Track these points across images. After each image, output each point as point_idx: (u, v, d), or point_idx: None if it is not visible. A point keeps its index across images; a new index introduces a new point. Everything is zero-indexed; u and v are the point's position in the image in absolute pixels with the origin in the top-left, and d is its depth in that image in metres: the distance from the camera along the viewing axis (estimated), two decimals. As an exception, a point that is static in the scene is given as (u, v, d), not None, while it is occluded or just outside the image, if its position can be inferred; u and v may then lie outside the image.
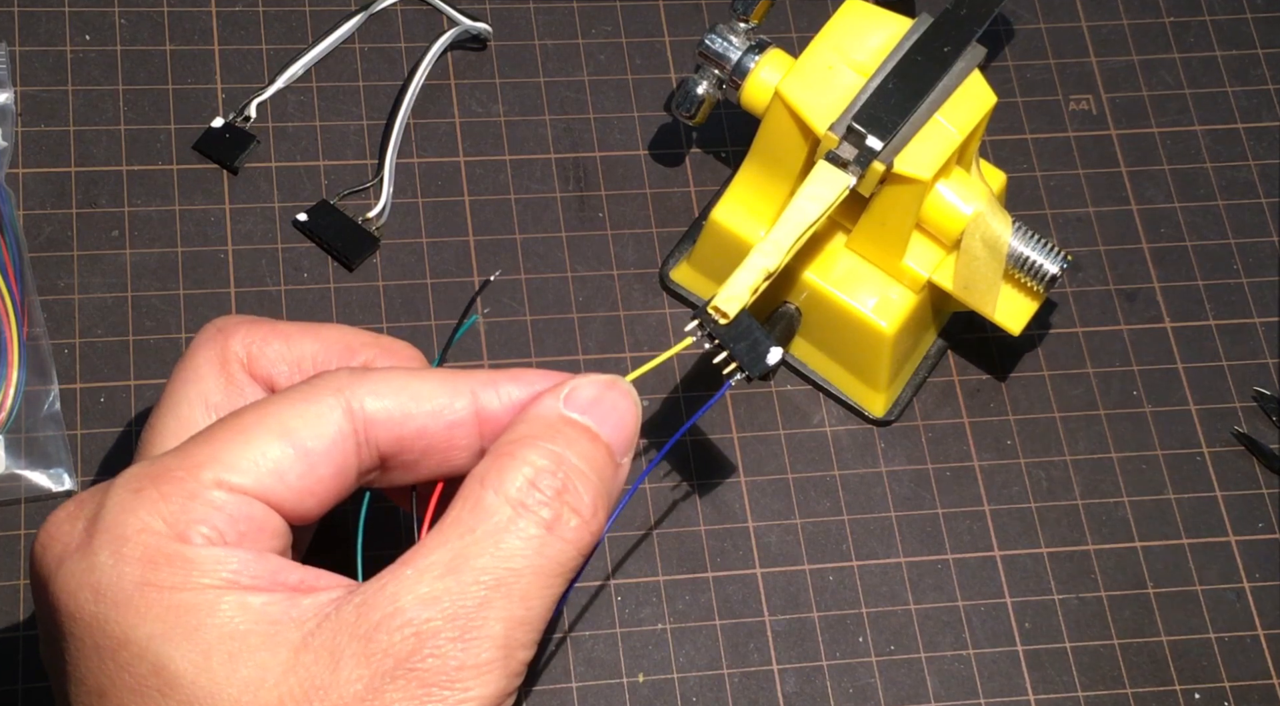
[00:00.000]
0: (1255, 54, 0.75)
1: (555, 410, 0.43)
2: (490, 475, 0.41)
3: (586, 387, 0.44)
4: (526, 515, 0.40)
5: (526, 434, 0.42)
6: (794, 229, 0.56)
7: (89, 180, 0.66)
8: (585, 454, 0.43)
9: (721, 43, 0.62)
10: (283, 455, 0.41)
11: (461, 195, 0.68)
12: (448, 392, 0.43)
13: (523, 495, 0.41)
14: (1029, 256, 0.60)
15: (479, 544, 0.40)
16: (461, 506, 0.41)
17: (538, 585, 0.40)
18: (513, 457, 0.41)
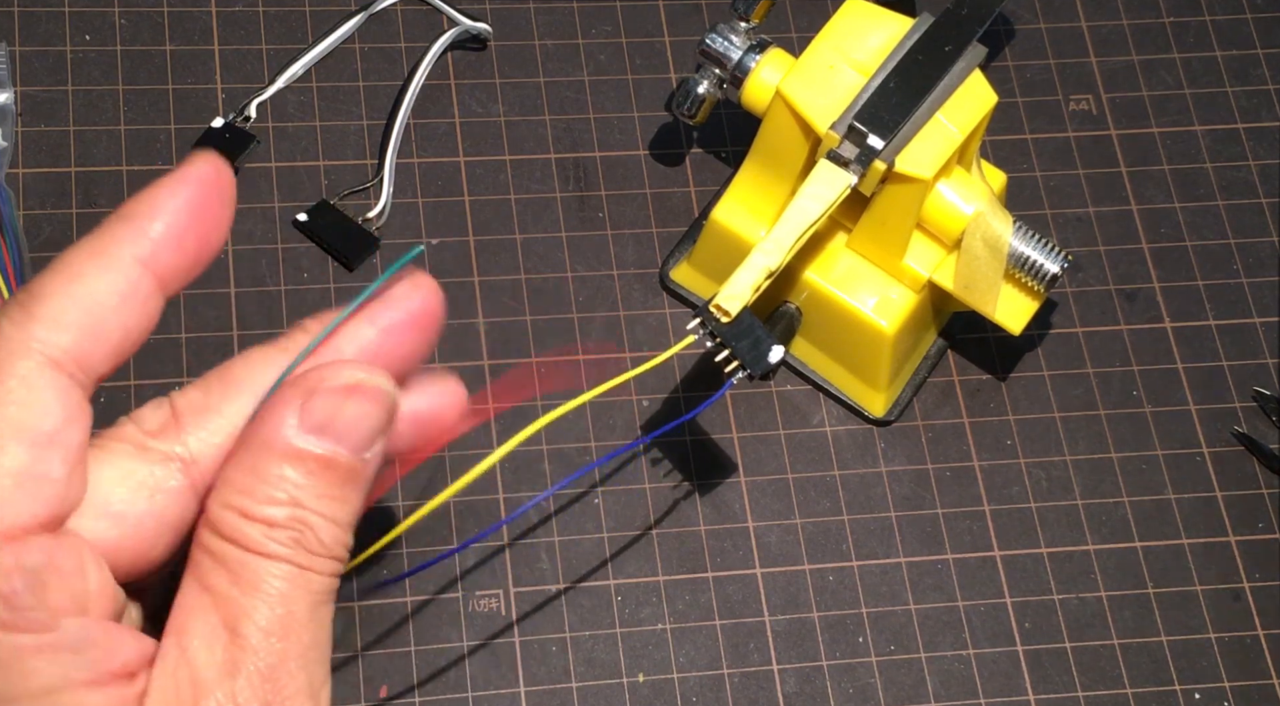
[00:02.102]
0: (1255, 54, 0.75)
1: (289, 436, 0.37)
2: (236, 533, 0.36)
3: (325, 400, 0.37)
4: (284, 563, 0.37)
5: (255, 480, 0.37)
6: (795, 228, 0.56)
7: (89, 180, 0.66)
8: (320, 493, 0.37)
9: (722, 42, 0.62)
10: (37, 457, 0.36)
11: (461, 195, 0.68)
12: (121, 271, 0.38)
13: (269, 548, 0.37)
14: (1029, 256, 0.60)
15: (249, 598, 0.36)
16: (208, 561, 0.37)
17: (313, 619, 0.37)
18: (244, 515, 0.37)
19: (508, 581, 0.61)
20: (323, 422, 0.37)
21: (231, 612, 0.36)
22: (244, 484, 0.37)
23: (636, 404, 0.64)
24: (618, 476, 0.63)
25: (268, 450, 0.37)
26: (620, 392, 0.64)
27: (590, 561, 0.61)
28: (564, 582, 0.61)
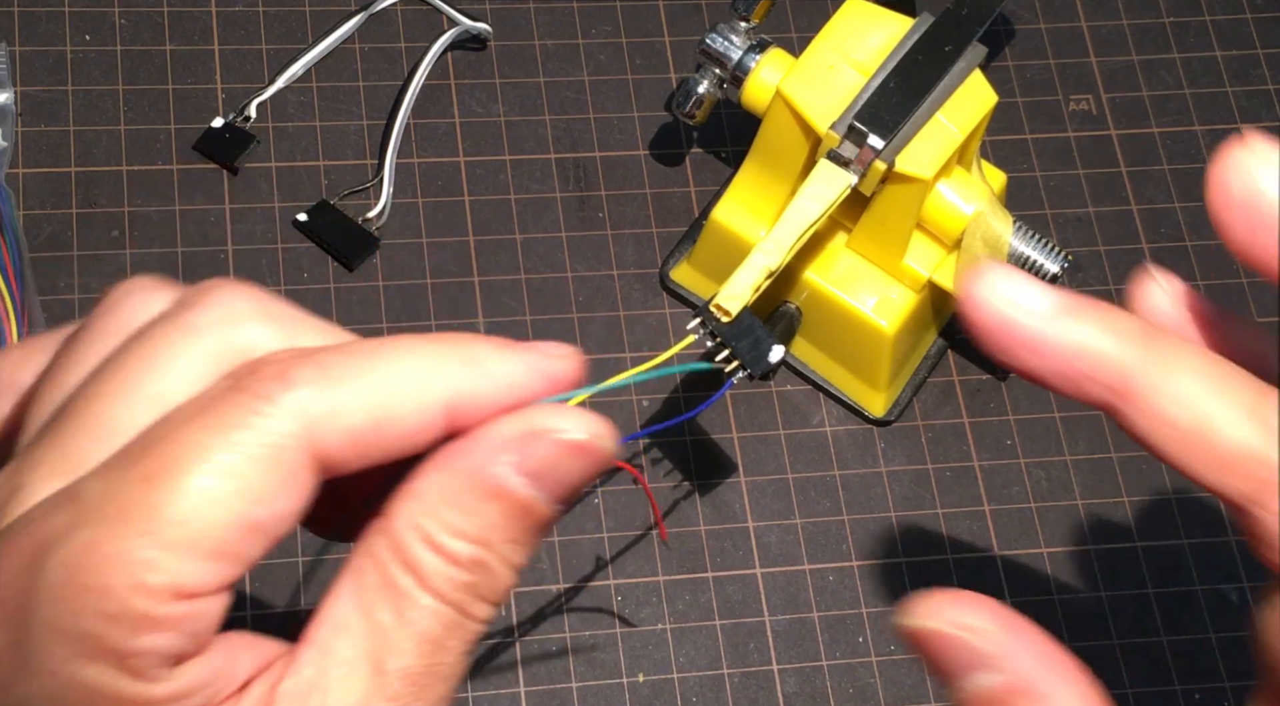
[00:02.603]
0: (1255, 54, 0.75)
1: (500, 472, 0.34)
2: (411, 557, 0.34)
3: (548, 445, 0.35)
4: (448, 607, 0.34)
5: (451, 505, 0.34)
6: (795, 227, 0.56)
7: (89, 180, 0.66)
8: (512, 537, 0.35)
9: (722, 42, 0.62)
10: (246, 537, 0.32)
11: (461, 195, 0.68)
12: (425, 398, 0.34)
13: (442, 586, 0.34)
14: (1029, 256, 0.60)
15: (406, 639, 0.34)
16: (374, 578, 0.34)
17: (454, 671, 0.35)
18: (429, 542, 0.34)
19: (508, 582, 0.61)
20: (539, 471, 0.34)
21: (382, 646, 0.33)
22: (437, 507, 0.34)
23: (636, 404, 0.64)
24: (618, 476, 0.63)
25: (474, 481, 0.34)
26: (620, 393, 0.64)
27: (590, 561, 0.61)
28: (564, 582, 0.61)
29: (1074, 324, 0.34)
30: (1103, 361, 0.34)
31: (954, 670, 0.34)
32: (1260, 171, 0.32)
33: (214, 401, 0.32)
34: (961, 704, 0.34)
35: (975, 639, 0.34)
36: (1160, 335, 0.35)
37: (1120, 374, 0.34)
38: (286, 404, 0.32)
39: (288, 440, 0.32)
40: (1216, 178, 0.33)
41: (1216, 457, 0.33)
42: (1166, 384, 0.34)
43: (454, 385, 0.34)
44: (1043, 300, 0.34)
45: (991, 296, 0.34)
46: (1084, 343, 0.34)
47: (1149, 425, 0.35)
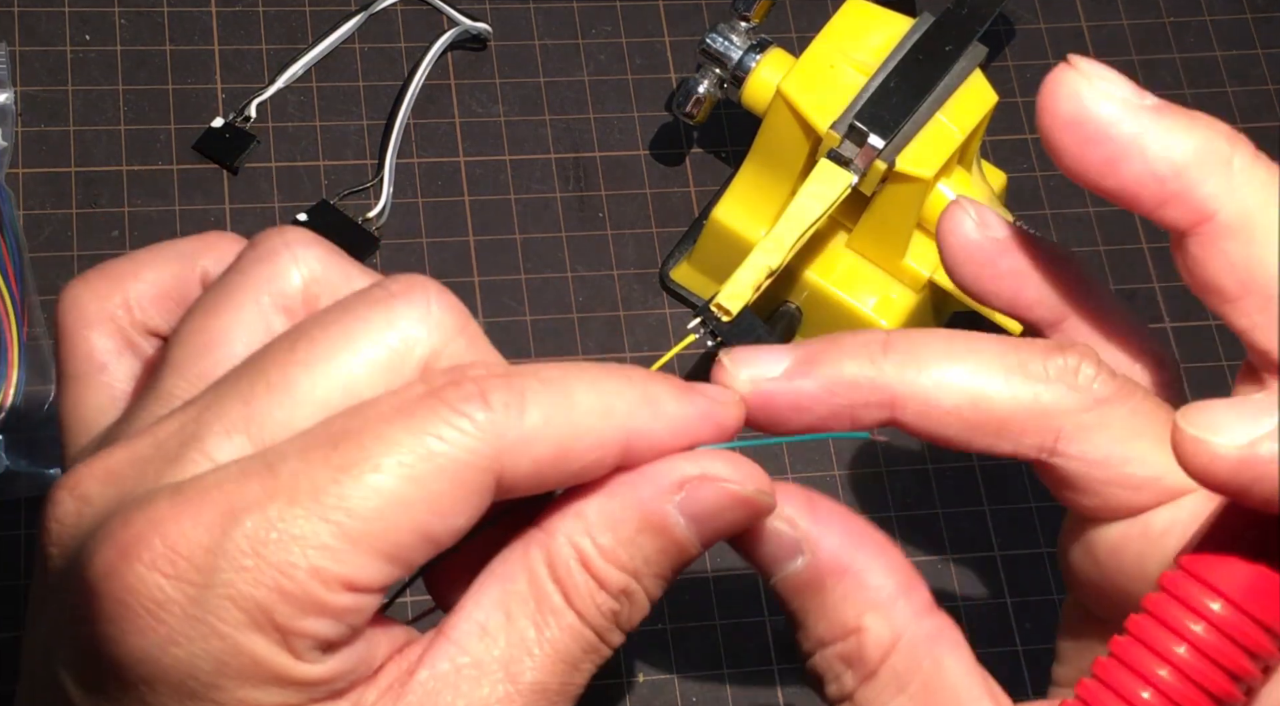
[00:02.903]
0: (1255, 54, 0.75)
1: (655, 504, 0.35)
2: (556, 566, 0.34)
3: (714, 491, 0.35)
4: (590, 629, 0.34)
5: (613, 530, 0.35)
6: (796, 227, 0.56)
7: (89, 180, 0.66)
8: (661, 573, 0.35)
9: (723, 42, 0.62)
10: (421, 547, 0.33)
11: (461, 195, 0.68)
12: (603, 434, 0.34)
13: (588, 608, 0.34)
14: (1030, 256, 0.60)
15: (544, 656, 0.34)
16: (522, 585, 0.34)
17: (577, 692, 0.35)
18: (584, 561, 0.34)
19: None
20: (701, 515, 0.35)
21: (520, 656, 0.34)
22: (598, 530, 0.34)
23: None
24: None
25: (639, 512, 0.34)
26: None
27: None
28: (564, 582, 0.61)
29: (817, 368, 0.36)
30: (857, 384, 0.36)
31: (770, 561, 0.35)
32: (1086, 91, 0.34)
33: (412, 405, 0.32)
34: (780, 594, 0.36)
35: (783, 526, 0.35)
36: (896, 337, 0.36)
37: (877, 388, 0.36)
38: (479, 421, 0.32)
39: (479, 460, 0.32)
40: (1045, 101, 0.34)
41: None
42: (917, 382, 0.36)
43: (633, 424, 0.34)
44: (780, 364, 0.36)
45: (732, 380, 0.36)
46: (832, 378, 0.36)
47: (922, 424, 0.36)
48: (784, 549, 0.35)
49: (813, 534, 0.35)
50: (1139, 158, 0.34)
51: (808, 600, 0.35)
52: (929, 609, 0.35)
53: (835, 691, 0.35)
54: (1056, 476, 0.35)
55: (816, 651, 0.35)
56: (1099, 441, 0.35)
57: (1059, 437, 0.35)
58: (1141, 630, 0.32)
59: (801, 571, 0.35)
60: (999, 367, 0.35)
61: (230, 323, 0.35)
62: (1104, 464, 0.35)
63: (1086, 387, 0.35)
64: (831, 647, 0.35)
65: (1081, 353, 0.35)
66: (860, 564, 0.35)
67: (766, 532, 0.35)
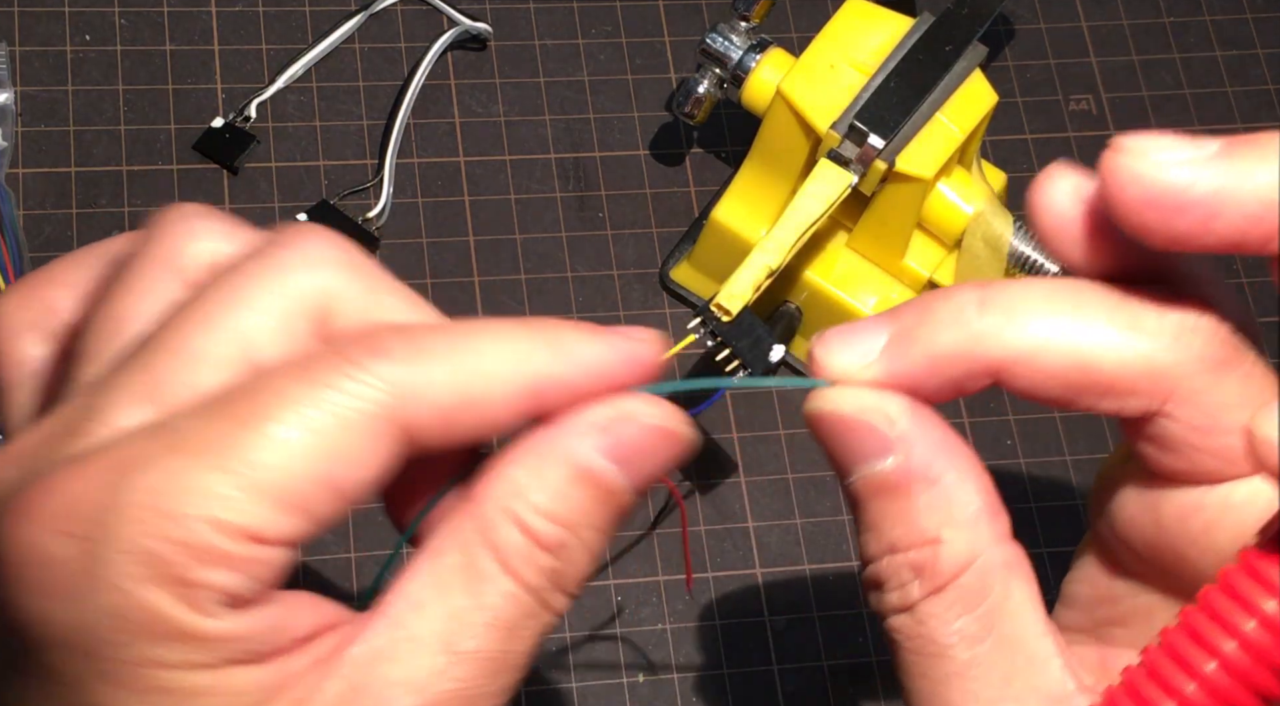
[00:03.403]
0: (1255, 54, 0.75)
1: (590, 454, 0.34)
2: (495, 535, 0.34)
3: (635, 429, 0.35)
4: (527, 593, 0.34)
5: (540, 487, 0.34)
6: (796, 227, 0.56)
7: (89, 180, 0.66)
8: (597, 524, 0.35)
9: (723, 42, 0.62)
10: (327, 497, 0.32)
11: (461, 195, 0.68)
12: (512, 380, 0.34)
13: (524, 569, 0.34)
14: (1030, 256, 0.60)
15: (479, 623, 0.34)
16: (455, 557, 0.34)
17: (525, 661, 0.35)
18: (517, 523, 0.34)
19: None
20: (626, 456, 0.35)
21: (456, 627, 0.33)
22: (527, 489, 0.34)
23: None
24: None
25: (564, 462, 0.34)
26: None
27: (590, 561, 0.61)
28: (564, 582, 0.61)
29: (915, 346, 0.34)
30: (958, 353, 0.34)
31: (855, 457, 0.34)
32: (1147, 168, 0.32)
33: (310, 360, 0.33)
34: (857, 491, 0.34)
35: (880, 423, 0.34)
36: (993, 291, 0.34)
37: (982, 355, 0.34)
38: (379, 372, 0.32)
39: (376, 407, 0.32)
40: (1113, 191, 0.32)
41: None
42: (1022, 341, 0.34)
43: (539, 368, 0.34)
44: (873, 344, 0.34)
45: (832, 367, 0.34)
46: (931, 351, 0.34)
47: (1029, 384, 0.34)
48: (873, 446, 0.34)
49: (910, 435, 0.34)
50: (1231, 208, 0.32)
51: (888, 503, 0.34)
52: (1007, 537, 0.34)
53: (897, 599, 0.34)
54: (1148, 433, 0.34)
55: (884, 557, 0.34)
56: (1208, 406, 0.33)
57: (1169, 399, 0.33)
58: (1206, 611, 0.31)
59: (889, 472, 0.34)
60: (1108, 324, 0.33)
61: (134, 303, 0.35)
62: (1207, 430, 0.33)
63: (1204, 347, 0.33)
64: (903, 555, 0.34)
65: (1199, 307, 0.33)
66: (951, 477, 0.34)
67: (858, 426, 0.34)
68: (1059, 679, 0.33)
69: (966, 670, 0.33)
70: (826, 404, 0.34)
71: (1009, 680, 0.33)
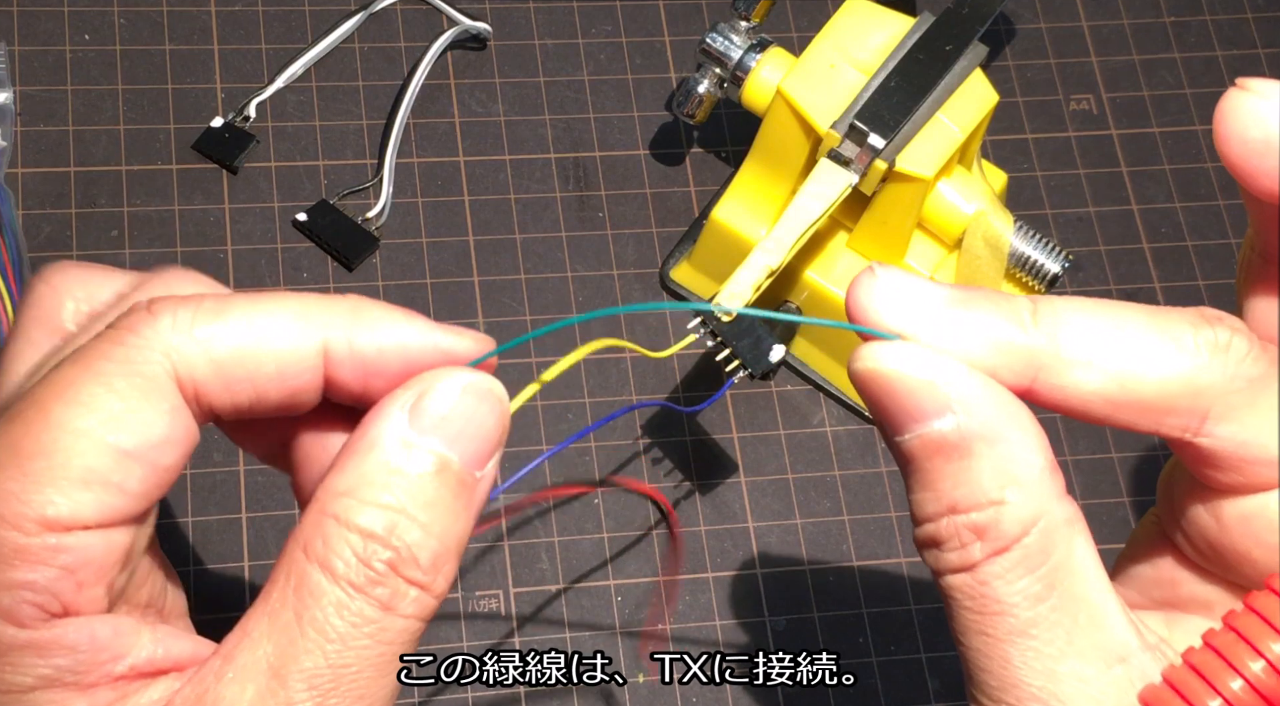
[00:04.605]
0: (1255, 54, 0.75)
1: (399, 432, 0.33)
2: (314, 544, 0.32)
3: (440, 397, 0.34)
4: (358, 597, 0.32)
5: (357, 481, 0.33)
6: (796, 227, 0.56)
7: (89, 180, 0.66)
8: (429, 500, 0.33)
9: (723, 41, 0.62)
10: (117, 464, 0.32)
11: (461, 195, 0.68)
12: (297, 337, 0.34)
13: (351, 573, 0.32)
14: (1030, 255, 0.60)
15: (306, 639, 0.32)
16: (284, 581, 0.33)
17: (377, 674, 0.33)
18: (339, 522, 0.33)
19: (508, 581, 0.61)
20: (437, 422, 0.33)
21: (285, 649, 0.32)
22: (346, 486, 0.33)
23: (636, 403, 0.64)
24: (618, 477, 0.63)
25: (375, 448, 0.33)
26: (619, 392, 0.64)
27: (590, 561, 0.61)
28: (564, 582, 0.61)
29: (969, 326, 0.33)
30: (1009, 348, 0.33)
31: (912, 416, 0.33)
32: (1270, 112, 0.32)
33: (87, 344, 0.33)
34: (913, 450, 0.34)
35: (941, 384, 0.33)
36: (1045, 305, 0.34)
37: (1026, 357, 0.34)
38: (149, 335, 0.32)
39: (150, 367, 0.32)
40: (1228, 129, 0.32)
41: None
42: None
43: (332, 329, 0.34)
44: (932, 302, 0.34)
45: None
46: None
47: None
48: (933, 405, 0.33)
49: (973, 395, 0.33)
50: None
51: (947, 463, 0.33)
52: (1065, 493, 0.33)
53: (956, 560, 0.34)
54: (1195, 454, 0.34)
55: (943, 517, 0.33)
56: (1248, 421, 0.33)
57: (1206, 418, 0.33)
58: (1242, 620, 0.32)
59: (948, 433, 0.33)
60: (1148, 343, 0.33)
61: (14, 353, 0.35)
62: (1250, 444, 0.33)
63: (1238, 365, 0.33)
64: (964, 516, 0.33)
65: (1232, 326, 0.33)
66: (1015, 436, 0.33)
67: (918, 385, 0.33)
68: (1122, 635, 0.33)
69: (1029, 627, 0.33)
70: (881, 361, 0.33)
71: (1072, 637, 0.33)
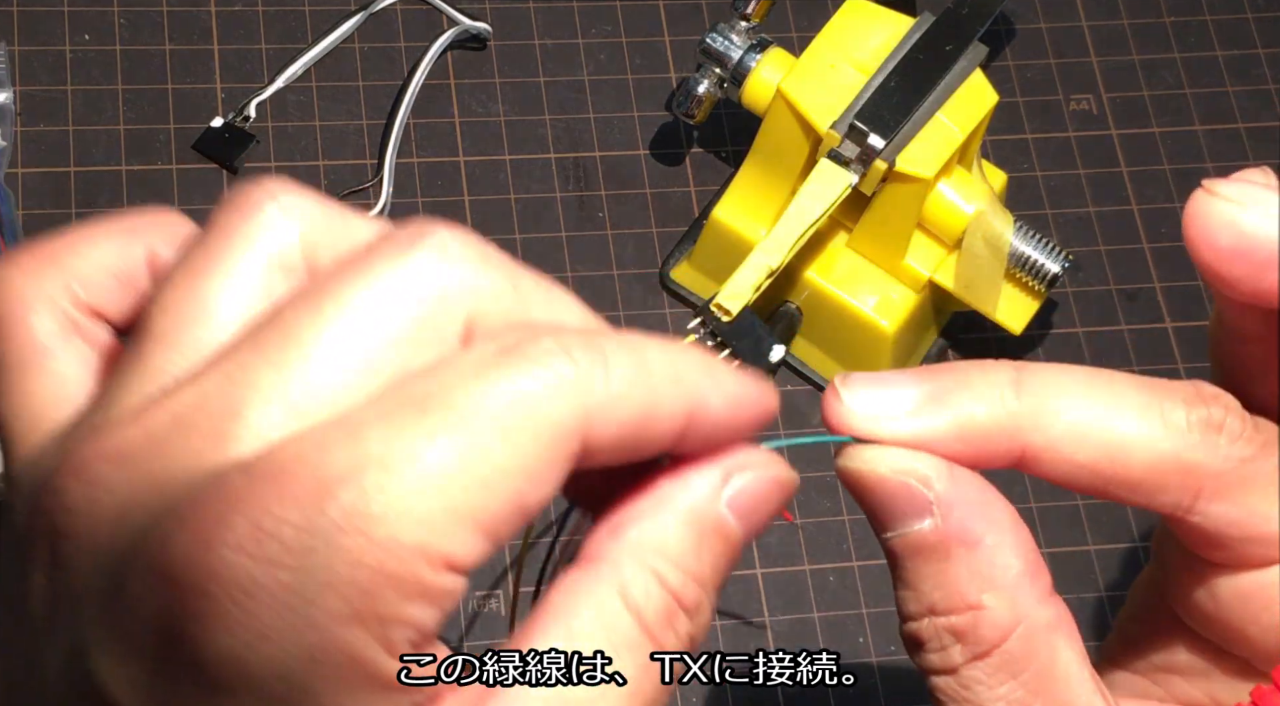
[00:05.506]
0: (1255, 54, 0.75)
1: (711, 507, 0.32)
2: (629, 585, 0.31)
3: (753, 481, 0.32)
4: (653, 643, 0.31)
5: (677, 541, 0.31)
6: (796, 227, 0.56)
7: (89, 180, 0.66)
8: (722, 568, 0.32)
9: (723, 42, 0.62)
10: (512, 520, 0.29)
11: (461, 195, 0.68)
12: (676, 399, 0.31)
13: (656, 623, 0.31)
14: (1030, 255, 0.60)
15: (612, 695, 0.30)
16: (590, 617, 0.31)
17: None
18: (660, 580, 0.31)
19: (508, 581, 0.61)
20: (745, 509, 0.32)
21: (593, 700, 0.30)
22: (663, 544, 0.31)
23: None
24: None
25: (701, 518, 0.31)
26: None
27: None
28: (564, 582, 0.61)
29: (945, 409, 0.33)
30: (989, 431, 0.33)
31: (892, 517, 0.33)
32: (1242, 217, 0.32)
33: (491, 363, 0.29)
34: (893, 550, 0.33)
35: (918, 486, 0.33)
36: (1029, 377, 0.34)
37: (1010, 435, 0.33)
38: (571, 380, 0.29)
39: (569, 419, 0.29)
40: (1200, 236, 0.32)
41: None
42: (1053, 429, 0.33)
43: (698, 394, 0.32)
44: (904, 397, 0.33)
45: (852, 417, 0.33)
46: (962, 422, 0.33)
47: (1059, 471, 0.34)
48: (911, 507, 0.33)
49: (948, 498, 0.33)
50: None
51: (926, 564, 0.33)
52: (1050, 594, 0.33)
53: (938, 662, 0.33)
54: (1189, 531, 0.33)
55: (924, 618, 0.33)
56: (1240, 500, 0.32)
57: (1199, 496, 0.33)
58: None
59: (927, 534, 0.33)
60: (1139, 417, 0.32)
61: (222, 286, 0.31)
62: (1244, 523, 0.32)
63: (1230, 445, 0.32)
64: (943, 618, 0.33)
65: (1225, 404, 0.33)
66: (991, 539, 0.33)
67: (894, 487, 0.33)
68: None
69: None
70: (862, 463, 0.33)
71: None
